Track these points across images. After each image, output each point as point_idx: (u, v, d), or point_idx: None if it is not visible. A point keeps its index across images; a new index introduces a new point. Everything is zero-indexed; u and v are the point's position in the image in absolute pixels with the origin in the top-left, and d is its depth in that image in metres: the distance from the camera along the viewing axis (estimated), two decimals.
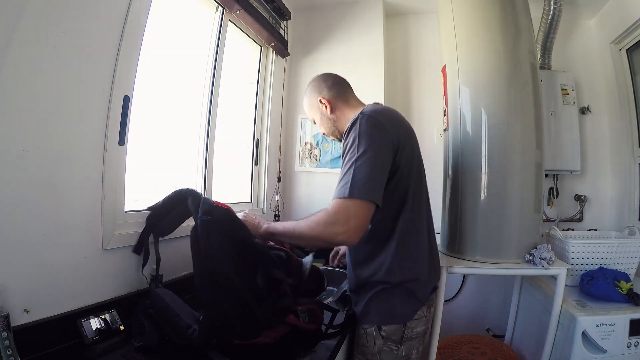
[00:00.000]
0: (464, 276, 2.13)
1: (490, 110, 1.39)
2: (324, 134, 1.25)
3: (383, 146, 0.92)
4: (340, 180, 0.91)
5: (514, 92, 1.39)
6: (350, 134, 0.94)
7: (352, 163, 0.89)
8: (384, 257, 0.99)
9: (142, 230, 1.08)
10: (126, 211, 1.10)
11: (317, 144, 2.21)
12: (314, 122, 1.25)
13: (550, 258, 1.33)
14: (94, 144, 0.96)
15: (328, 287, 1.18)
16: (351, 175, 0.88)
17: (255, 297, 0.83)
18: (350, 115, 1.09)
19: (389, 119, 0.98)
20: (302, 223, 0.95)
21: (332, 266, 1.44)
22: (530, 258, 1.35)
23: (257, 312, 0.82)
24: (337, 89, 1.18)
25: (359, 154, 0.90)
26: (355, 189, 0.87)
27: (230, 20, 1.70)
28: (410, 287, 0.99)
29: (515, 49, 1.40)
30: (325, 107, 1.15)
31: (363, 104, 1.16)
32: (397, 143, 0.95)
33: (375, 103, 1.10)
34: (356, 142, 0.91)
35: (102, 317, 0.91)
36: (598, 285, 1.40)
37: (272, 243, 1.05)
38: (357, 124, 0.93)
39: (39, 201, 0.81)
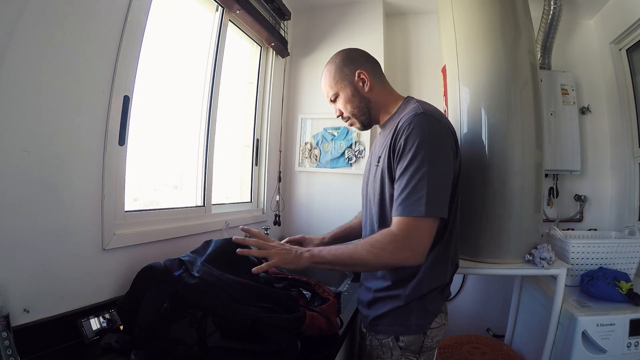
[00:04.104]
0: (464, 276, 2.13)
1: (490, 110, 1.39)
2: (340, 115, 1.05)
3: (450, 155, 0.85)
4: (406, 190, 0.80)
5: (514, 92, 1.39)
6: (411, 134, 0.83)
7: (424, 173, 0.79)
8: (415, 270, 0.91)
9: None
10: (126, 211, 1.10)
11: (317, 144, 2.21)
12: (333, 100, 1.04)
13: (550, 258, 1.33)
14: (94, 144, 0.96)
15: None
16: (425, 189, 0.78)
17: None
18: (386, 103, 1.01)
19: (447, 122, 0.89)
20: (361, 249, 0.82)
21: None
22: (530, 258, 1.35)
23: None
24: (375, 67, 1.04)
25: (429, 162, 0.79)
26: (431, 205, 0.77)
27: (230, 20, 1.70)
28: (430, 296, 0.94)
29: (515, 49, 1.40)
30: (364, 83, 0.99)
31: (399, 95, 1.04)
32: (455, 150, 0.88)
33: (410, 97, 1.01)
34: (425, 148, 0.80)
35: (102, 317, 0.91)
36: (598, 285, 1.40)
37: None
38: (423, 124, 0.83)
39: (39, 201, 0.81)
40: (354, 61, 1.02)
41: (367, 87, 1.00)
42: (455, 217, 0.96)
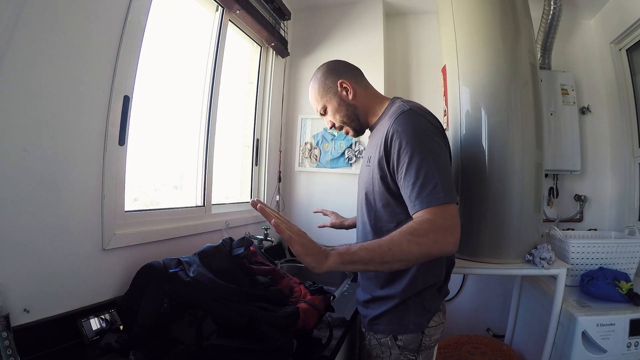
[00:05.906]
0: (464, 276, 2.13)
1: (490, 110, 1.39)
2: (333, 126, 1.09)
3: (443, 145, 0.88)
4: (418, 183, 0.80)
5: (514, 92, 1.39)
6: (403, 131, 0.85)
7: (430, 165, 0.80)
8: (409, 269, 0.92)
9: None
10: (126, 211, 1.10)
11: (317, 144, 2.21)
12: (323, 113, 1.08)
13: (550, 258, 1.33)
14: (94, 144, 0.96)
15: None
16: (436, 178, 0.79)
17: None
18: (372, 106, 1.04)
19: (433, 117, 0.93)
20: (399, 241, 0.73)
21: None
22: (530, 258, 1.35)
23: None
24: (356, 74, 1.07)
25: (431, 153, 0.82)
26: (449, 191, 0.78)
27: (230, 20, 1.70)
28: (427, 294, 0.95)
29: (515, 49, 1.40)
30: (347, 91, 1.03)
31: (385, 96, 1.08)
32: (445, 139, 0.91)
33: (396, 97, 1.04)
34: (421, 140, 0.83)
35: (102, 317, 0.91)
36: (598, 285, 1.40)
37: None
38: (411, 119, 0.86)
39: (39, 201, 0.81)
40: (335, 72, 1.05)
41: (351, 95, 1.03)
42: None
